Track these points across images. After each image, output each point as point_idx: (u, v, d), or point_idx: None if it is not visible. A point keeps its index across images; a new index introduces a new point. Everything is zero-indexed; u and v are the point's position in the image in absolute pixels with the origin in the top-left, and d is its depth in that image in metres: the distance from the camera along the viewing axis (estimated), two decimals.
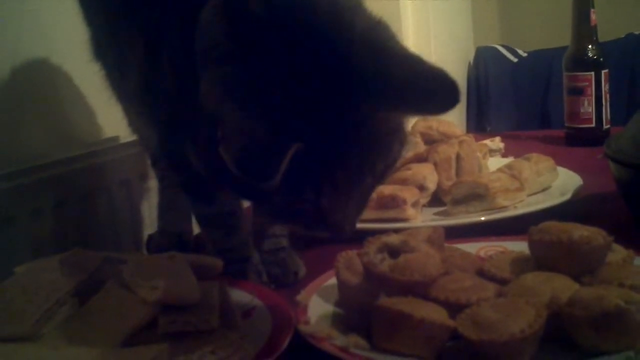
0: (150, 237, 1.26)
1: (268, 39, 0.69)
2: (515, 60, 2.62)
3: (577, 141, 1.74)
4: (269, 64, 0.68)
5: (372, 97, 0.68)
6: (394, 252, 0.78)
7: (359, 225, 1.10)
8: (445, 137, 1.31)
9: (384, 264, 0.77)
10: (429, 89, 0.68)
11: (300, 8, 0.70)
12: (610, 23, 1.86)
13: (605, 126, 1.73)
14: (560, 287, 0.75)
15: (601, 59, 1.71)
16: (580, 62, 1.72)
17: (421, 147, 1.31)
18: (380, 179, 0.78)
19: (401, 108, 0.72)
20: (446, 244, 0.89)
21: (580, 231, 0.79)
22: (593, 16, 1.70)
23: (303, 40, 0.68)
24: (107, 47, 1.04)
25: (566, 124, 1.78)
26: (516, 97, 2.59)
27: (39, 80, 1.32)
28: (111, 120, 1.39)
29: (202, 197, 0.98)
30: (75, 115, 1.40)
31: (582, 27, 1.71)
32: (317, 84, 0.68)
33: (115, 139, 1.44)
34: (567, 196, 1.17)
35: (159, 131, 0.95)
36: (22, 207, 1.18)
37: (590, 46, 1.71)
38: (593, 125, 1.72)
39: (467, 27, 2.80)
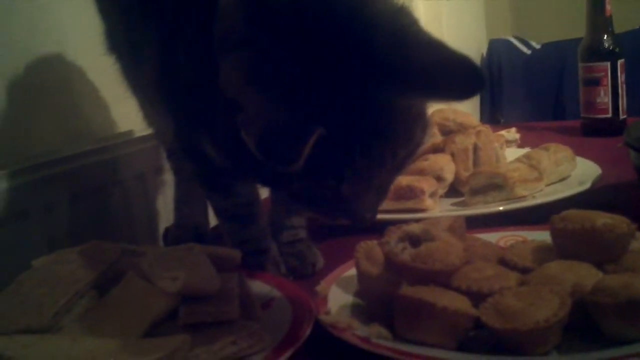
0: (167, 230, 1.25)
1: (289, 23, 0.68)
2: (529, 52, 2.60)
3: (593, 131, 1.73)
4: (291, 49, 0.67)
5: (395, 83, 0.67)
6: (414, 241, 0.77)
7: (377, 216, 1.10)
8: (462, 128, 1.30)
9: (405, 253, 0.76)
10: (452, 74, 0.67)
11: None
12: (625, 14, 1.84)
13: (622, 116, 1.72)
14: (584, 275, 0.74)
15: (617, 49, 1.70)
16: (595, 53, 1.71)
17: (438, 138, 1.30)
18: (402, 165, 0.77)
19: (424, 94, 0.71)
20: (467, 234, 0.88)
21: (603, 219, 0.78)
22: (608, 6, 1.69)
23: (324, 24, 0.67)
24: (122, 39, 1.04)
25: (582, 115, 1.76)
26: (529, 89, 2.58)
27: (52, 75, 1.31)
28: (125, 114, 1.40)
29: (218, 189, 0.98)
30: (89, 110, 1.40)
31: (597, 17, 1.70)
32: (338, 69, 0.67)
33: (129, 133, 1.44)
34: (587, 185, 1.16)
35: (175, 121, 0.95)
36: (37, 201, 1.18)
37: (605, 36, 1.70)
38: (610, 115, 1.71)
39: (480, 19, 2.79)
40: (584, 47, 1.73)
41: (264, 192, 1.02)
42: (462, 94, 0.68)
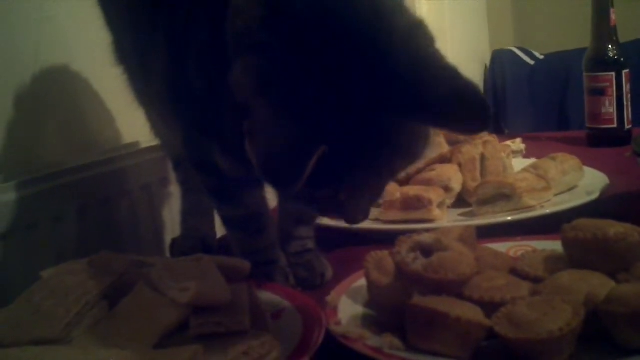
0: (174, 241, 1.25)
1: (304, 33, 0.67)
2: (532, 62, 2.60)
3: (599, 142, 1.72)
4: (304, 61, 0.67)
5: (404, 107, 0.67)
6: (426, 251, 0.77)
7: (386, 227, 1.10)
8: (469, 138, 1.30)
9: (417, 263, 0.75)
10: (460, 109, 0.67)
11: (340, 3, 0.68)
12: (629, 23, 1.84)
13: (627, 126, 1.72)
14: (596, 284, 0.73)
15: (622, 59, 1.70)
16: (600, 63, 1.71)
17: (445, 148, 1.30)
18: (397, 174, 0.77)
19: (430, 122, 0.71)
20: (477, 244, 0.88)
21: (615, 228, 0.77)
22: (613, 16, 1.69)
23: (340, 39, 0.67)
24: (130, 50, 1.04)
25: (587, 125, 1.76)
26: (533, 99, 2.58)
27: (58, 87, 1.32)
28: (131, 126, 1.40)
29: (227, 199, 0.98)
30: (96, 122, 1.40)
31: (602, 27, 1.70)
32: (350, 86, 0.67)
33: (135, 144, 1.44)
34: (595, 195, 1.15)
35: (184, 131, 0.94)
36: (45, 213, 1.18)
37: (610, 46, 1.70)
38: (615, 125, 1.71)
39: (483, 30, 2.79)
40: (589, 57, 1.73)
41: (272, 203, 1.02)
42: (466, 130, 0.69)
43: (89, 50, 1.34)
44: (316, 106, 0.67)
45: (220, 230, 1.24)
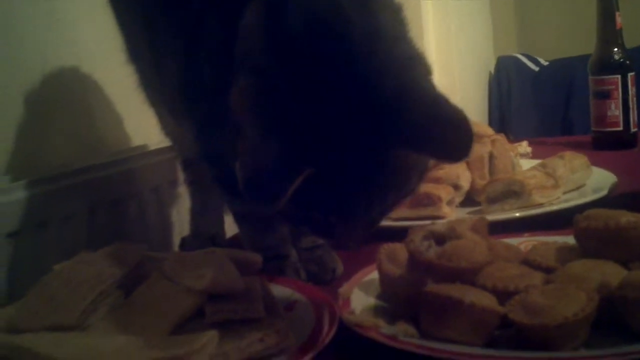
0: (184, 240, 1.25)
1: (300, 59, 0.68)
2: (537, 69, 2.61)
3: (604, 145, 1.73)
4: (298, 85, 0.68)
5: (391, 136, 0.68)
6: (439, 239, 0.77)
7: (396, 224, 1.10)
8: (477, 137, 1.30)
9: (430, 252, 0.76)
10: (444, 139, 0.68)
11: (338, 32, 0.69)
12: (634, 29, 1.84)
13: (633, 129, 1.72)
14: (609, 273, 0.74)
15: (627, 62, 1.71)
16: (606, 66, 1.71)
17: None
18: (391, 208, 0.77)
19: (416, 150, 0.71)
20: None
21: (627, 217, 0.78)
22: (618, 19, 1.70)
23: (335, 70, 0.68)
24: (142, 49, 1.04)
25: (593, 128, 1.76)
26: (538, 105, 2.58)
27: (67, 88, 1.32)
28: (140, 128, 1.41)
29: (238, 194, 0.98)
30: (105, 124, 1.41)
31: (607, 30, 1.71)
32: (340, 112, 0.67)
33: (144, 147, 1.45)
34: (604, 192, 1.16)
35: (196, 127, 0.95)
36: (55, 212, 1.18)
37: (615, 49, 1.70)
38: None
39: (488, 37, 2.80)
40: (594, 60, 1.73)
41: None
42: (449, 158, 0.73)
43: (99, 52, 1.35)
44: (304, 128, 0.68)
45: (229, 230, 1.24)
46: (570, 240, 0.84)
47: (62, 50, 1.31)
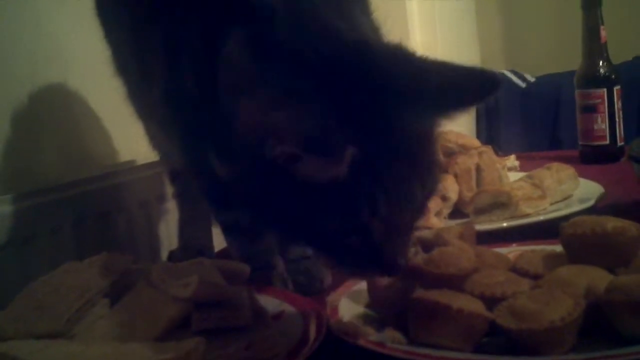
0: (172, 253, 1.25)
1: (297, 57, 0.69)
2: (524, 85, 2.62)
3: (592, 158, 1.73)
4: (308, 88, 0.67)
5: (415, 105, 0.68)
6: (426, 246, 0.78)
7: None
8: (464, 149, 1.31)
9: (418, 258, 0.76)
10: (466, 80, 0.68)
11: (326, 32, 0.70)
12: (618, 46, 1.85)
13: (620, 143, 1.72)
14: (596, 277, 0.74)
15: (613, 76, 1.72)
16: (592, 79, 1.72)
17: (440, 159, 1.30)
18: (424, 207, 0.76)
19: (442, 108, 0.70)
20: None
21: (613, 223, 0.78)
22: (603, 33, 1.71)
23: (334, 62, 0.68)
24: (129, 60, 1.04)
25: (580, 142, 1.77)
26: (526, 121, 2.59)
27: (56, 104, 1.32)
28: (128, 144, 1.40)
29: (224, 204, 0.98)
30: (91, 140, 1.40)
31: (593, 44, 1.72)
32: (358, 101, 0.67)
33: (132, 162, 1.44)
34: (591, 202, 1.16)
35: (182, 138, 0.95)
36: (42, 225, 1.18)
37: (601, 63, 1.71)
38: (607, 142, 1.72)
39: (474, 53, 2.82)
40: (580, 74, 1.74)
41: None
42: (479, 96, 0.69)
43: (86, 67, 1.35)
44: (337, 115, 0.67)
45: (217, 245, 1.24)
46: (558, 249, 0.84)
47: (49, 65, 1.31)
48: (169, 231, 1.42)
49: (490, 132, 2.65)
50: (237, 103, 0.72)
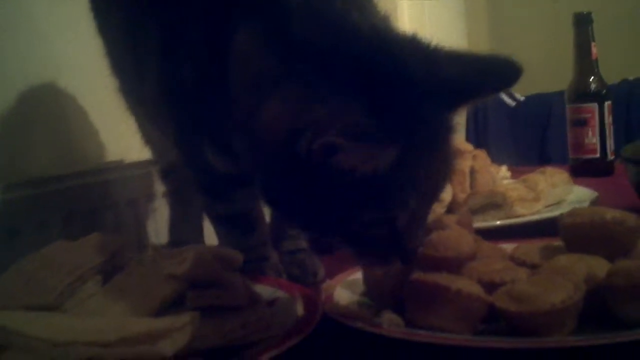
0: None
1: (320, 58, 0.68)
2: (513, 103, 2.64)
3: (582, 172, 1.73)
4: (337, 83, 0.67)
5: (435, 93, 0.68)
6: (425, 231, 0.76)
7: None
8: (458, 152, 1.30)
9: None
10: (487, 68, 0.70)
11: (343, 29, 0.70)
12: (606, 68, 1.86)
13: (610, 157, 1.73)
14: (595, 266, 0.73)
15: (603, 91, 1.72)
16: (583, 94, 1.73)
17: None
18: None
19: (463, 97, 0.71)
20: None
21: (612, 213, 0.77)
22: (594, 49, 1.72)
23: (356, 56, 0.68)
24: (124, 53, 1.04)
25: (571, 156, 1.77)
26: (515, 139, 2.60)
27: (45, 104, 1.31)
28: (116, 144, 1.39)
29: (219, 196, 0.97)
30: (81, 140, 1.39)
31: (584, 60, 1.73)
32: (385, 94, 0.66)
33: (121, 161, 1.43)
34: (585, 204, 1.16)
35: (176, 129, 0.94)
36: (30, 218, 1.16)
37: (592, 78, 1.72)
38: (598, 155, 1.72)
39: None
40: (572, 89, 1.75)
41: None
42: (505, 81, 0.70)
43: (77, 66, 1.34)
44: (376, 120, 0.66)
45: (208, 243, 1.22)
46: (555, 243, 0.83)
47: (41, 64, 1.30)
48: (157, 230, 1.40)
49: (479, 148, 2.66)
50: (258, 99, 0.71)
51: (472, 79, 0.69)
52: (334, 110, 0.65)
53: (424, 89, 0.67)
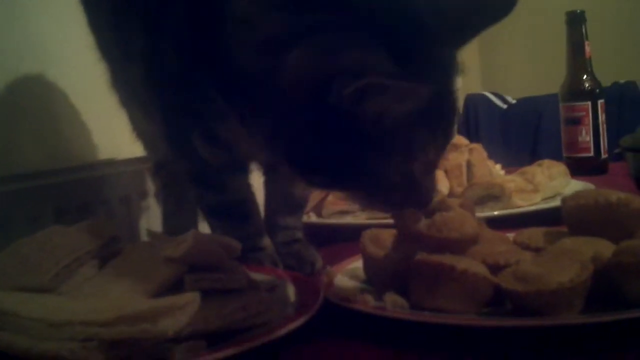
0: None
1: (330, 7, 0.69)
2: (505, 106, 2.64)
3: (576, 170, 1.72)
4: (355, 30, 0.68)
5: (457, 32, 0.70)
6: (429, 213, 0.75)
7: (375, 221, 1.07)
8: (454, 146, 1.30)
9: (420, 223, 0.73)
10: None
11: None
12: (597, 70, 1.87)
13: (604, 156, 1.73)
14: (602, 247, 0.71)
15: (597, 90, 1.72)
16: (576, 93, 1.73)
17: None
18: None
19: (464, 33, 0.72)
20: None
21: (617, 194, 0.76)
22: (587, 48, 1.72)
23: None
24: (113, 46, 1.02)
25: (565, 154, 1.77)
26: (506, 142, 2.60)
27: (34, 97, 1.30)
28: (109, 140, 1.38)
29: (211, 185, 0.95)
30: (70, 133, 1.38)
31: (577, 59, 1.73)
32: (401, 39, 0.67)
33: (112, 158, 1.41)
34: None
35: (164, 116, 0.92)
36: (21, 212, 1.14)
37: (585, 76, 1.72)
38: (591, 154, 1.72)
39: None
40: (565, 88, 1.75)
41: (259, 196, 1.00)
42: (504, 10, 0.73)
43: (65, 60, 1.33)
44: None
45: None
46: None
47: (28, 58, 1.28)
48: (150, 228, 1.38)
49: None
50: (275, 58, 0.69)
51: (473, 13, 0.72)
52: (364, 56, 0.65)
53: (434, 30, 0.69)
